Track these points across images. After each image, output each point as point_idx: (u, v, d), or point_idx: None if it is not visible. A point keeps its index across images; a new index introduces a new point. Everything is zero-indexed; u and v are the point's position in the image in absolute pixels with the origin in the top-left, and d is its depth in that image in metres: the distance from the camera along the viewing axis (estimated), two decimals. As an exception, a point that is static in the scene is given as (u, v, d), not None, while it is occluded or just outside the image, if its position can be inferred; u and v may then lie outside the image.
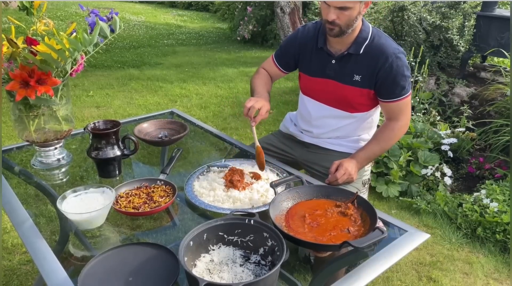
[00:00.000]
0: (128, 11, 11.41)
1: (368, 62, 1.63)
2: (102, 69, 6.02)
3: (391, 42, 1.65)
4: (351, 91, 1.68)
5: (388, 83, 1.63)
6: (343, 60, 1.67)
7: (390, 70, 1.61)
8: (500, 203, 2.50)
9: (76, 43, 1.35)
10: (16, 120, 1.51)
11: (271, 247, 1.07)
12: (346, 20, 1.54)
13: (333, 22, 1.54)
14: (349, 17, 1.53)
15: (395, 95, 1.64)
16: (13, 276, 2.07)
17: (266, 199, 1.36)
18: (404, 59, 1.64)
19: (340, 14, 1.53)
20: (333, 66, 1.69)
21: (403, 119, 1.70)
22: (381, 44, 1.63)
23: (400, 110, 1.68)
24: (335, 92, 1.71)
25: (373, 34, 1.65)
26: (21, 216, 1.28)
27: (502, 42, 4.00)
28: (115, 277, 1.03)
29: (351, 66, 1.66)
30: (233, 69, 6.30)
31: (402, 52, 1.64)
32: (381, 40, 1.64)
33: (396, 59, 1.61)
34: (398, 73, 1.61)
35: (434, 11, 4.47)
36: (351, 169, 1.58)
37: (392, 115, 1.70)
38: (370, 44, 1.63)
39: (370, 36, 1.64)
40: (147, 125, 1.87)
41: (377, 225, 1.12)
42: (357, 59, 1.65)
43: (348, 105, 1.72)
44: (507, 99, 3.30)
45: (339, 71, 1.68)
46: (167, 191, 1.40)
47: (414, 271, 2.25)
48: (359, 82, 1.66)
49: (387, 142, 1.71)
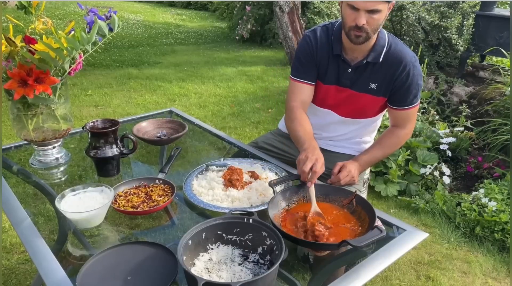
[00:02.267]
0: (127, 10, 11.39)
1: (386, 70, 1.59)
2: (100, 68, 6.02)
3: (407, 50, 1.61)
4: (366, 99, 1.65)
5: (402, 91, 1.61)
6: (359, 68, 1.61)
7: (407, 78, 1.58)
8: (499, 202, 2.50)
9: (74, 42, 1.35)
10: (14, 119, 1.51)
11: (269, 246, 1.07)
12: (375, 24, 1.46)
13: (361, 28, 1.45)
14: (378, 21, 1.46)
15: (406, 103, 1.63)
16: (11, 275, 2.06)
17: (265, 198, 1.36)
18: (419, 68, 1.62)
19: (369, 19, 1.44)
20: (349, 75, 1.63)
21: (409, 127, 1.70)
22: (399, 51, 1.59)
23: (408, 118, 1.68)
24: (349, 100, 1.67)
25: (389, 41, 1.60)
26: (20, 215, 1.28)
27: (501, 41, 4.00)
28: (113, 276, 1.02)
29: (367, 75, 1.62)
30: (232, 68, 6.30)
31: (417, 60, 1.62)
32: (398, 47, 1.60)
33: (413, 68, 1.58)
34: (413, 82, 1.60)
35: (433, 11, 4.47)
36: (354, 171, 1.57)
37: (399, 122, 1.69)
38: (388, 52, 1.58)
39: (387, 43, 1.59)
40: (145, 124, 1.86)
41: (376, 224, 1.12)
42: (374, 67, 1.60)
43: (359, 112, 1.71)
44: (506, 98, 3.30)
45: (355, 80, 1.63)
46: (166, 190, 1.39)
47: (412, 270, 2.25)
48: (374, 90, 1.62)
49: (391, 148, 1.71)
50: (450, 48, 4.67)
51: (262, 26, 7.81)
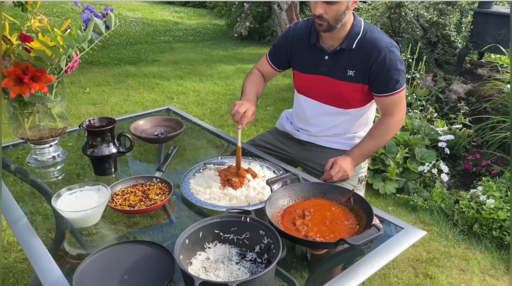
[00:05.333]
0: (125, 8, 11.35)
1: (361, 56, 1.63)
2: (98, 66, 6.00)
3: (383, 36, 1.64)
4: (345, 86, 1.67)
5: (381, 78, 1.62)
6: (336, 55, 1.66)
7: (383, 64, 1.60)
8: (497, 199, 2.50)
9: (70, 40, 1.34)
10: (10, 117, 1.50)
11: (267, 244, 1.07)
12: (334, 14, 1.53)
13: (321, 17, 1.54)
14: (337, 11, 1.53)
15: (389, 89, 1.64)
16: (9, 274, 2.06)
17: (262, 196, 1.36)
18: (397, 53, 1.64)
19: (327, 9, 1.52)
20: (326, 62, 1.68)
21: (397, 113, 1.69)
22: (374, 38, 1.62)
23: (395, 104, 1.67)
24: (329, 88, 1.71)
25: (365, 28, 1.64)
26: (16, 214, 1.27)
27: (499, 38, 4.00)
28: (110, 275, 1.02)
29: (344, 62, 1.66)
30: (230, 66, 6.28)
31: (395, 46, 1.63)
32: (374, 35, 1.63)
33: (389, 53, 1.60)
34: (392, 67, 1.61)
35: (431, 8, 4.46)
36: (345, 166, 1.58)
37: (386, 110, 1.70)
38: (363, 39, 1.63)
39: (363, 31, 1.64)
40: (143, 122, 1.86)
41: (374, 222, 1.12)
42: (350, 54, 1.64)
43: (343, 101, 1.72)
44: (504, 95, 3.30)
45: (333, 67, 1.68)
46: (163, 189, 1.39)
47: (410, 268, 2.25)
48: (353, 77, 1.65)
49: (382, 137, 1.70)
50: (449, 45, 4.66)
51: (261, 24, 7.79)
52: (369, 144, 1.68)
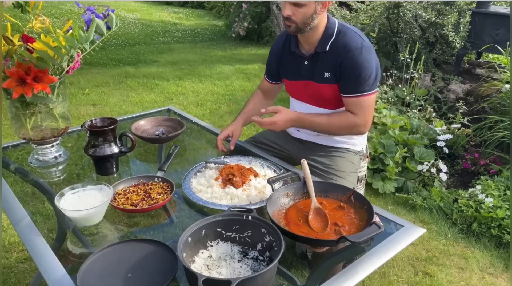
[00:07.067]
0: (123, 9, 11.35)
1: (334, 58, 1.64)
2: (97, 67, 6.00)
3: (356, 38, 1.63)
4: (325, 88, 1.69)
5: (349, 77, 1.63)
6: (313, 59, 1.69)
7: (352, 64, 1.60)
8: (495, 198, 2.52)
9: (73, 41, 1.35)
10: (12, 117, 1.51)
11: (269, 242, 1.08)
12: (302, 17, 1.56)
13: (289, 19, 1.57)
14: (304, 14, 1.55)
15: (355, 90, 1.63)
16: (10, 274, 2.06)
17: (263, 195, 1.37)
18: (368, 53, 1.61)
19: (295, 11, 1.55)
20: (307, 67, 1.71)
21: (360, 116, 1.65)
22: (345, 39, 1.62)
23: (359, 106, 1.65)
24: (314, 91, 1.73)
25: (338, 30, 1.65)
26: (19, 214, 1.28)
27: (497, 38, 4.02)
28: (114, 273, 1.03)
29: (320, 65, 1.68)
30: (229, 66, 6.29)
31: (366, 46, 1.61)
32: (346, 36, 1.63)
33: (359, 55, 1.60)
34: (362, 68, 1.60)
35: (429, 8, 4.48)
36: (280, 123, 1.62)
37: (351, 110, 1.67)
38: (335, 41, 1.64)
39: (336, 33, 1.65)
40: (144, 123, 1.87)
41: (374, 220, 1.13)
42: (324, 56, 1.66)
43: (327, 102, 1.73)
44: (502, 95, 3.32)
45: (312, 71, 1.70)
46: (165, 188, 1.40)
47: (410, 266, 2.26)
48: (329, 79, 1.67)
49: (336, 124, 1.67)
50: (447, 45, 4.68)
51: (259, 24, 7.80)
52: (322, 120, 1.68)
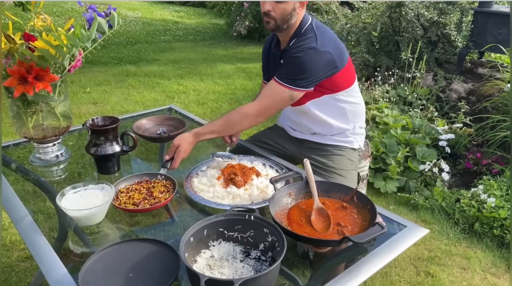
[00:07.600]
0: (125, 7, 11.34)
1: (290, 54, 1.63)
2: (99, 65, 6.00)
3: (312, 39, 1.60)
4: None
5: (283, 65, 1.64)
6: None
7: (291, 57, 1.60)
8: (498, 198, 2.51)
9: (74, 39, 1.35)
10: (14, 116, 1.51)
11: (271, 242, 1.07)
12: (281, 13, 1.57)
13: (268, 14, 1.58)
14: (284, 10, 1.56)
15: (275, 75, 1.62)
16: (11, 273, 2.06)
17: (265, 195, 1.36)
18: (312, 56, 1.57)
19: (275, 6, 1.57)
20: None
21: (255, 104, 1.63)
22: (303, 39, 1.61)
23: (264, 91, 1.66)
24: None
25: (306, 30, 1.64)
26: (20, 213, 1.28)
27: (500, 38, 4.00)
28: (115, 273, 1.03)
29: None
30: (231, 65, 6.28)
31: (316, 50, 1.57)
32: (305, 37, 1.62)
33: (302, 51, 1.58)
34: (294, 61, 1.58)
35: (431, 7, 4.46)
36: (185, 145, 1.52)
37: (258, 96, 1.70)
38: (297, 40, 1.63)
39: (303, 33, 1.64)
40: (145, 122, 1.86)
41: (377, 220, 1.13)
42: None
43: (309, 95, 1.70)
44: (504, 94, 3.31)
45: None
46: (167, 186, 1.39)
47: (412, 266, 2.26)
48: None
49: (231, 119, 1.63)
50: (449, 44, 4.66)
51: (260, 23, 7.77)
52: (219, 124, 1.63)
